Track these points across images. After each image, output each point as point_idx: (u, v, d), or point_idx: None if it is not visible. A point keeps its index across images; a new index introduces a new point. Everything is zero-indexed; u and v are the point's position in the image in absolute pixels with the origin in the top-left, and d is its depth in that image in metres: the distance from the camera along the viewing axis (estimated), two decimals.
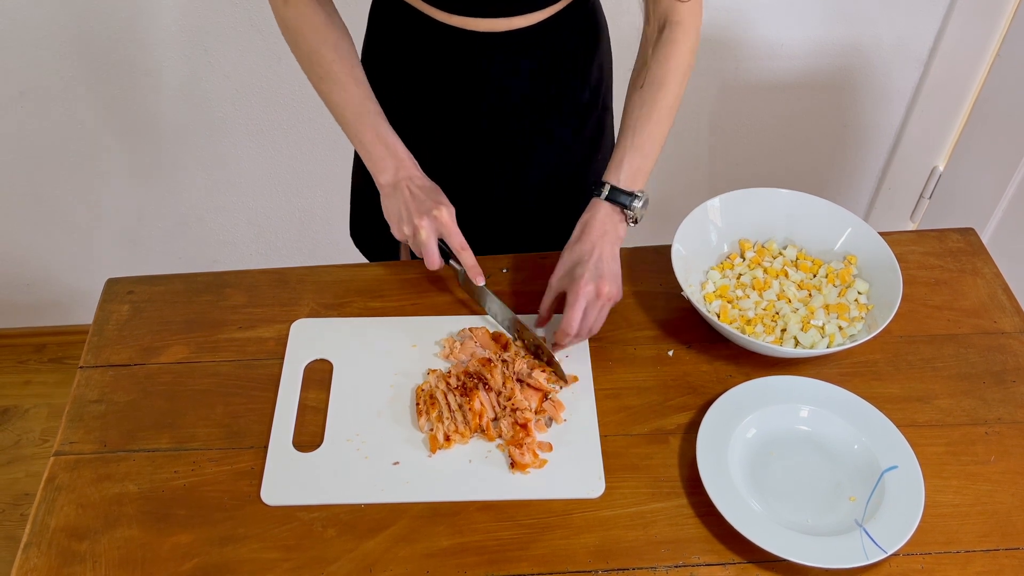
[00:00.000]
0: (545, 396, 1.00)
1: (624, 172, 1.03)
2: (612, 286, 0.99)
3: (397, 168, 1.03)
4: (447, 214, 1.01)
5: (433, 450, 0.96)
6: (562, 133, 1.18)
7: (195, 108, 1.78)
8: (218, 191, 1.94)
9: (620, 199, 1.02)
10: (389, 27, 1.11)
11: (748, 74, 1.82)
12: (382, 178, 1.04)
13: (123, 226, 2.00)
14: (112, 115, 1.77)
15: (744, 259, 1.13)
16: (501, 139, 1.15)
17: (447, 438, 0.96)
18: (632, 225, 1.04)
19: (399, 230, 1.03)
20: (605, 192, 1.02)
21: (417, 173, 1.04)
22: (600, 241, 1.01)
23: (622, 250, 1.17)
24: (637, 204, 1.02)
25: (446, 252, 1.04)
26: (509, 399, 0.98)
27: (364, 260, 1.19)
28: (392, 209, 1.03)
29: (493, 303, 1.07)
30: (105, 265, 2.06)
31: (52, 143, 1.81)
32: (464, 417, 0.97)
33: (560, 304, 1.03)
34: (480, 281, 1.04)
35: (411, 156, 1.05)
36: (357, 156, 1.29)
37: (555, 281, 1.03)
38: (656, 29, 1.06)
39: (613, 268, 1.01)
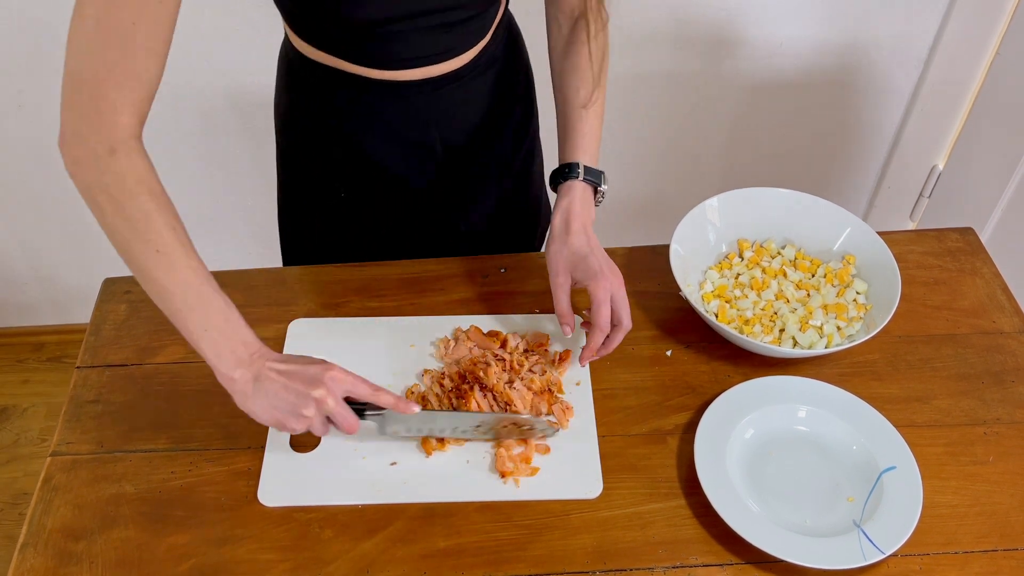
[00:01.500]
0: (553, 397, 1.00)
1: (589, 152, 1.03)
2: (617, 278, 0.98)
3: (251, 358, 0.85)
4: (336, 372, 0.85)
5: (428, 452, 0.95)
6: (503, 154, 1.17)
7: (193, 107, 1.77)
8: (216, 190, 1.94)
9: (594, 178, 1.02)
10: (311, 87, 1.05)
11: (747, 73, 1.81)
12: (237, 374, 0.84)
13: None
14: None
15: (742, 259, 1.13)
16: (451, 176, 1.14)
17: (441, 441, 0.95)
18: (597, 204, 1.04)
19: (293, 423, 0.84)
20: (581, 173, 1.01)
21: (271, 353, 0.86)
22: (587, 228, 1.00)
23: (618, 249, 1.17)
24: (604, 185, 1.03)
25: (357, 410, 0.89)
26: (507, 404, 0.98)
27: (363, 260, 1.18)
28: (267, 407, 0.84)
29: (445, 419, 0.94)
30: (104, 264, 2.06)
31: (51, 142, 1.81)
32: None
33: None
34: (414, 409, 0.88)
35: (255, 335, 0.87)
36: (283, 182, 1.24)
37: (563, 279, 0.98)
38: (570, 17, 1.06)
39: (607, 255, 1.00)
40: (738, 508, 0.88)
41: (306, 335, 1.07)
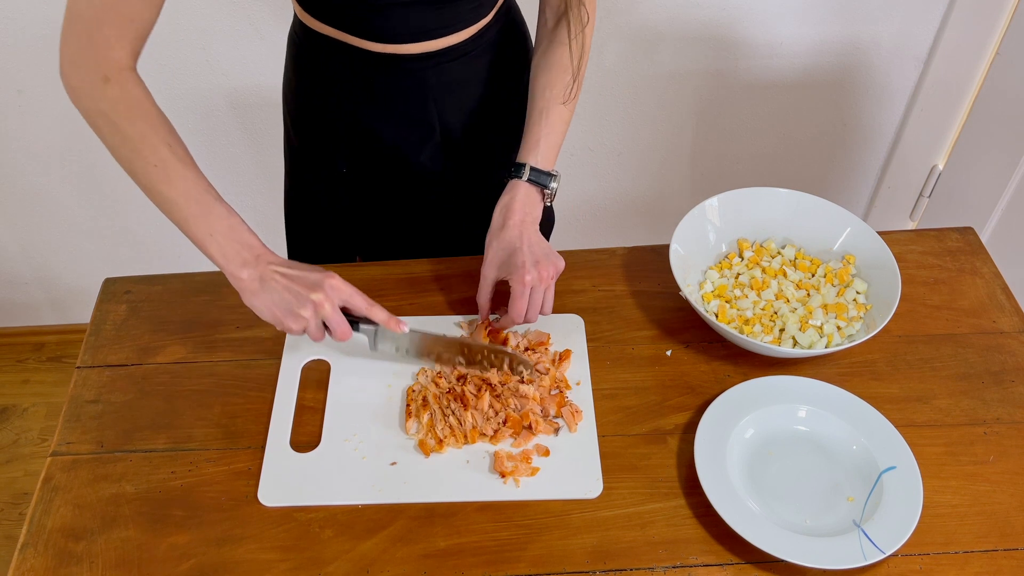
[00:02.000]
0: (563, 399, 1.00)
1: (541, 153, 1.04)
2: (549, 266, 0.99)
3: (256, 260, 0.92)
4: (336, 281, 0.92)
5: (427, 453, 0.95)
6: (501, 135, 1.18)
7: (193, 107, 1.77)
8: (216, 190, 1.94)
9: (540, 179, 1.03)
10: (315, 61, 1.09)
11: (747, 73, 1.81)
12: (243, 273, 0.91)
13: (121, 225, 2.00)
14: None
15: (742, 259, 1.13)
16: (449, 152, 1.15)
17: (439, 442, 0.96)
18: (547, 203, 1.05)
19: (290, 321, 0.91)
20: (526, 174, 1.03)
21: (277, 258, 0.94)
22: (523, 225, 1.01)
23: (618, 249, 1.17)
24: (554, 184, 1.04)
25: (352, 321, 0.96)
26: (511, 397, 0.98)
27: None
28: (269, 304, 0.91)
29: (432, 342, 1.00)
30: (104, 264, 2.06)
31: (50, 142, 1.81)
32: (459, 422, 0.97)
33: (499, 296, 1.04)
34: (404, 328, 0.96)
35: (259, 239, 0.95)
36: (290, 183, 1.28)
37: (490, 272, 1.02)
38: (557, 12, 1.07)
39: (544, 248, 1.01)
40: (738, 508, 0.88)
41: (306, 335, 1.07)
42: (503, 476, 0.93)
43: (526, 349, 1.05)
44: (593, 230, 2.10)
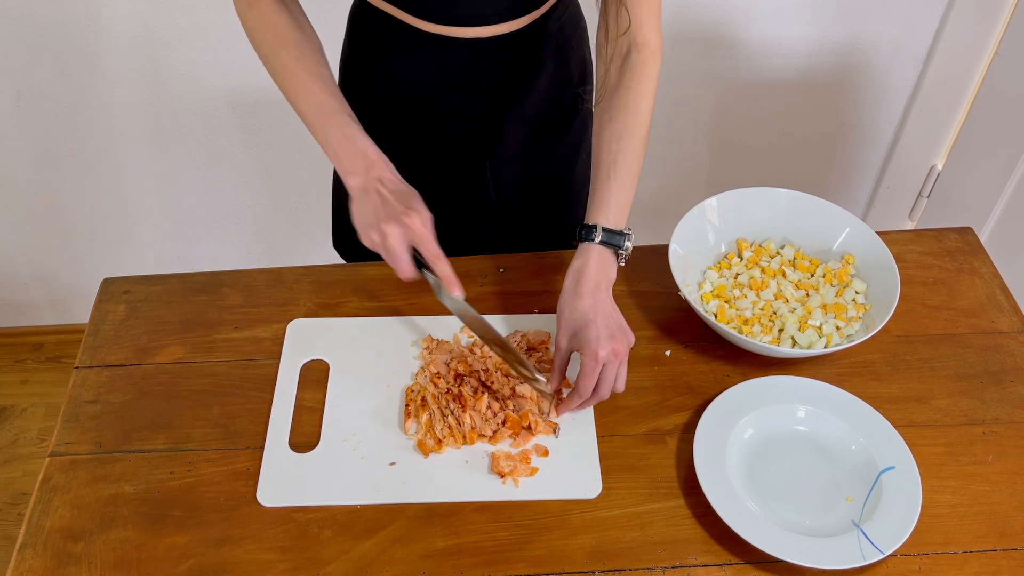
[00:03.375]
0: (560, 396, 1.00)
1: (612, 211, 0.98)
2: (624, 342, 0.94)
3: (368, 169, 0.95)
4: (419, 220, 0.92)
5: (426, 453, 0.95)
6: (547, 134, 1.18)
7: (192, 107, 1.77)
8: (215, 190, 1.94)
9: (613, 240, 0.97)
10: (370, 35, 1.10)
11: (746, 73, 1.81)
12: (351, 180, 0.96)
13: (121, 225, 2.00)
14: (109, 115, 1.77)
15: (742, 259, 1.13)
16: (489, 142, 1.15)
17: (438, 442, 0.96)
18: (622, 264, 0.99)
19: (368, 237, 0.95)
20: (599, 236, 0.96)
21: (390, 175, 0.96)
22: (597, 293, 0.95)
23: None
24: (628, 244, 0.97)
25: (421, 262, 0.96)
26: (509, 397, 0.98)
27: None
28: (361, 214, 0.95)
29: (473, 318, 0.99)
30: (103, 264, 2.06)
31: (49, 142, 1.81)
32: (458, 422, 0.97)
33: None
34: (457, 293, 0.95)
35: (384, 157, 0.97)
36: None
37: (563, 342, 0.96)
38: (621, 52, 1.01)
39: (619, 320, 0.96)
40: (737, 508, 0.88)
41: (305, 335, 1.07)
42: (502, 476, 0.93)
43: (528, 348, 1.05)
44: None
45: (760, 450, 0.96)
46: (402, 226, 0.92)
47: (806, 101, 1.88)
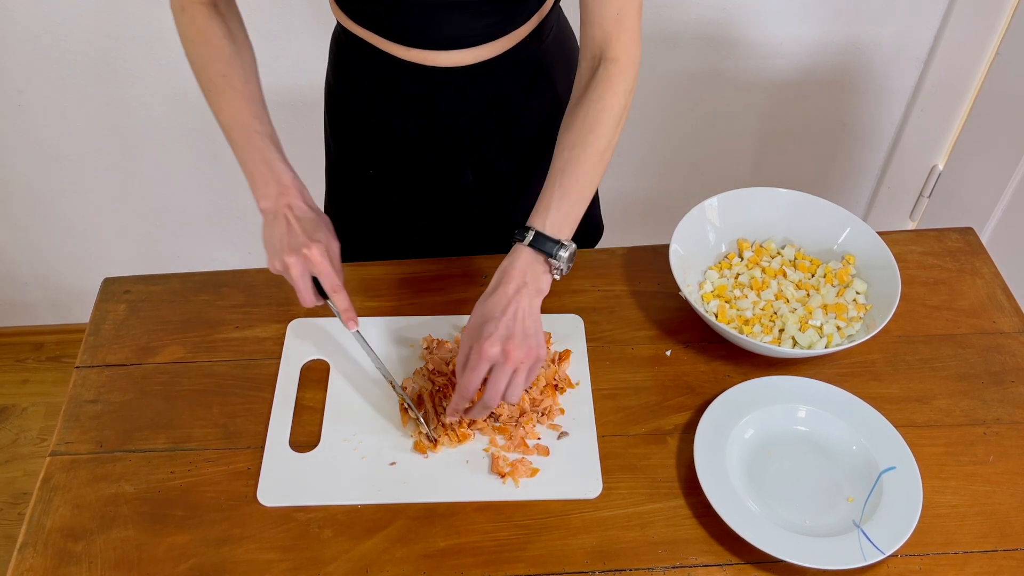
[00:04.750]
0: (553, 391, 1.00)
1: (551, 217, 0.91)
2: (522, 349, 0.86)
3: (280, 195, 0.95)
4: (318, 251, 0.92)
5: (423, 452, 0.95)
6: (539, 162, 1.15)
7: (192, 107, 1.77)
8: (215, 190, 1.94)
9: (545, 247, 0.90)
10: (351, 62, 1.10)
11: (747, 73, 1.81)
12: (263, 204, 0.96)
13: (121, 225, 2.00)
14: (110, 115, 1.77)
15: (742, 259, 1.13)
16: (480, 172, 1.15)
17: (434, 441, 0.96)
18: (556, 278, 0.93)
19: (272, 264, 0.95)
20: (529, 237, 0.90)
21: (300, 203, 0.95)
22: (517, 294, 0.88)
23: (618, 249, 1.17)
24: (563, 254, 0.90)
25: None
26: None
27: (360, 260, 1.18)
28: (268, 239, 0.95)
29: (368, 352, 1.00)
30: (103, 264, 2.06)
31: (50, 142, 1.81)
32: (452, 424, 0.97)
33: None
34: (352, 327, 0.96)
35: (299, 183, 0.96)
36: (328, 184, 1.28)
37: (464, 336, 0.90)
38: (590, 66, 0.97)
39: (529, 326, 0.88)
40: (738, 508, 0.88)
41: (306, 335, 1.07)
42: (502, 476, 0.93)
43: None
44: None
45: (760, 450, 0.96)
46: (302, 257, 0.92)
47: (806, 101, 1.87)
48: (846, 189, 2.07)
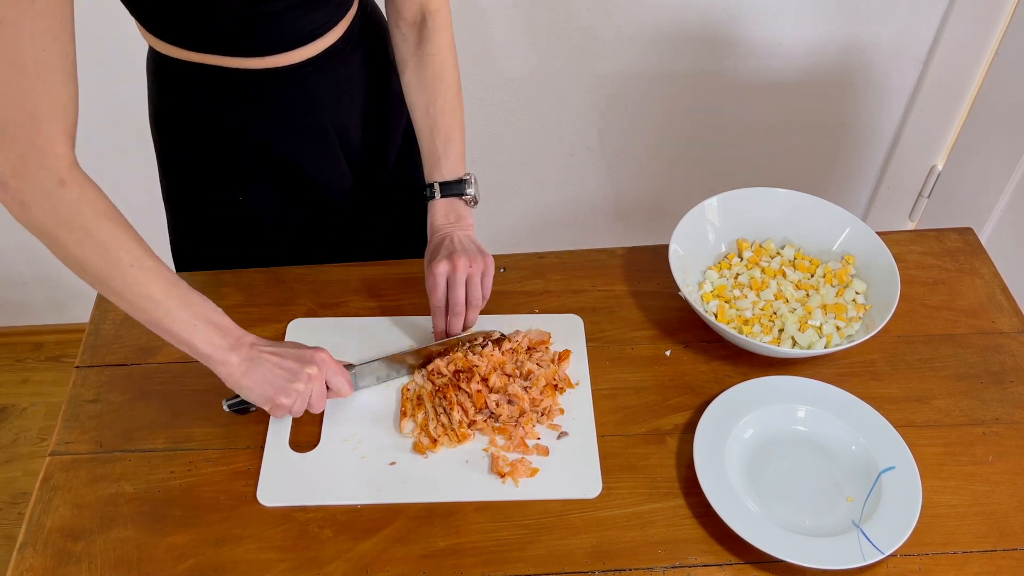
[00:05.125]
0: (552, 391, 1.00)
1: (444, 166, 1.05)
2: (465, 256, 0.99)
3: (238, 341, 0.90)
4: (325, 352, 0.93)
5: (422, 453, 0.95)
6: (389, 133, 1.19)
7: None
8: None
9: (453, 190, 1.04)
10: (188, 88, 1.03)
11: (746, 73, 1.81)
12: (232, 358, 0.89)
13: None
14: (109, 114, 1.77)
15: (742, 259, 1.13)
16: (350, 150, 1.14)
17: (433, 441, 0.96)
18: (473, 206, 1.06)
19: (282, 397, 0.90)
20: (438, 192, 1.04)
21: (254, 336, 0.92)
22: (449, 233, 1.03)
23: (618, 250, 1.17)
24: (470, 189, 1.05)
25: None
26: (503, 390, 0.98)
27: (361, 260, 1.18)
28: (261, 382, 0.90)
29: (398, 357, 1.02)
30: None
31: None
32: (450, 421, 0.97)
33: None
34: (348, 392, 0.97)
35: (234, 323, 0.92)
36: (170, 197, 1.20)
37: (427, 285, 1.01)
38: (414, 21, 1.06)
39: (467, 244, 1.02)
40: (737, 508, 0.88)
41: (305, 335, 1.07)
42: (502, 476, 0.93)
43: (528, 348, 1.05)
44: (593, 230, 2.10)
45: (760, 450, 0.96)
46: (317, 367, 0.92)
47: (806, 101, 1.87)
48: (845, 189, 2.07)
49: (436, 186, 1.05)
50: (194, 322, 0.87)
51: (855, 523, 0.89)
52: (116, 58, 1.67)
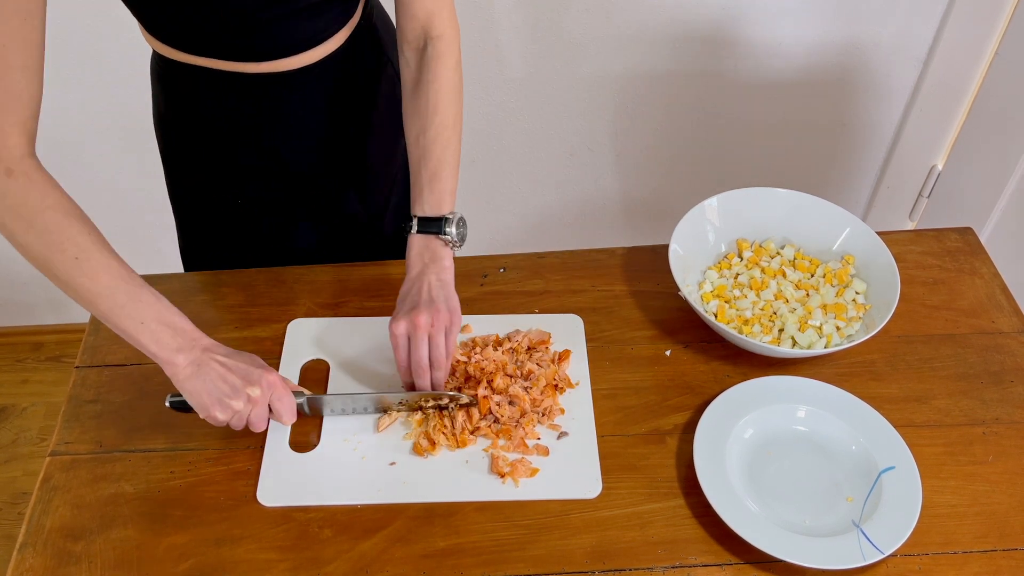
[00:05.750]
0: (553, 391, 1.00)
1: (426, 201, 0.99)
2: (427, 315, 0.93)
3: (192, 343, 0.89)
4: (275, 374, 0.91)
5: (422, 454, 0.95)
6: (388, 148, 1.18)
7: None
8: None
9: (431, 228, 0.98)
10: (193, 94, 1.04)
11: (746, 73, 1.81)
12: (179, 359, 0.87)
13: (120, 225, 1.99)
14: (109, 114, 1.77)
15: (742, 259, 1.13)
16: (352, 165, 1.15)
17: (432, 443, 0.96)
18: (456, 248, 0.99)
19: (218, 410, 0.89)
20: (415, 227, 0.98)
21: (210, 341, 0.91)
22: (421, 275, 0.97)
23: (618, 249, 1.17)
24: (450, 228, 0.98)
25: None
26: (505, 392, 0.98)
27: (361, 260, 1.19)
28: (200, 390, 0.88)
29: (352, 400, 0.98)
30: None
31: (50, 141, 1.81)
32: (452, 426, 0.96)
33: None
34: (289, 421, 0.94)
35: (190, 322, 0.90)
36: (175, 201, 1.21)
37: (391, 342, 0.96)
38: (416, 47, 1.02)
39: (436, 295, 0.95)
40: (737, 508, 0.88)
41: (305, 335, 1.07)
42: (502, 476, 0.93)
43: (528, 348, 1.05)
44: (593, 230, 2.10)
45: (760, 450, 0.96)
46: (261, 389, 0.90)
47: (806, 101, 1.87)
48: (845, 189, 2.07)
49: (415, 220, 0.99)
50: (140, 319, 0.86)
51: (855, 523, 0.89)
52: (118, 61, 1.67)
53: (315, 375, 1.04)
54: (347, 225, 1.20)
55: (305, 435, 0.98)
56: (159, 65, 1.05)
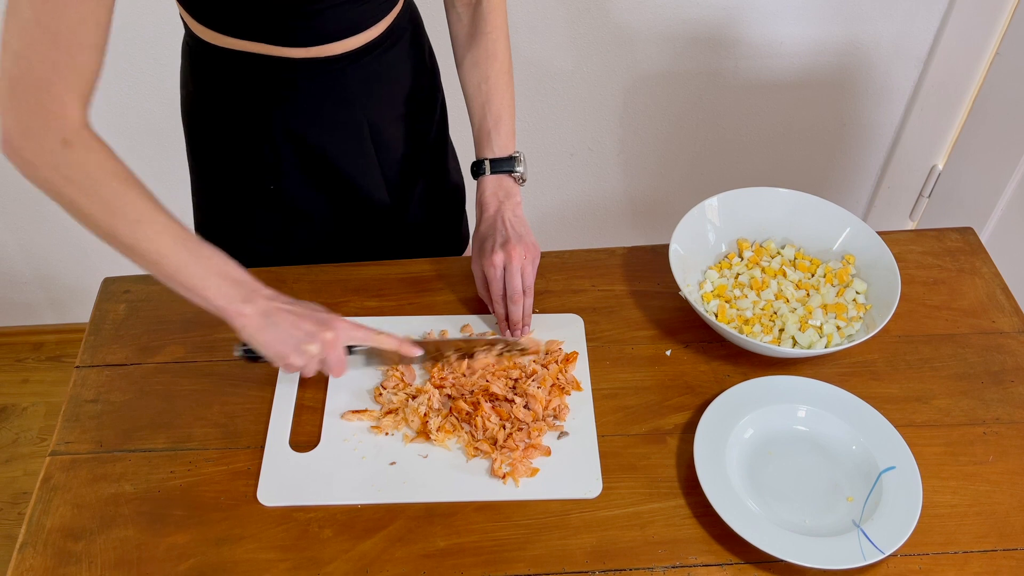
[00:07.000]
0: (558, 391, 1.00)
1: (495, 143, 1.07)
2: (520, 246, 1.01)
3: (254, 293, 0.90)
4: (344, 319, 0.94)
5: (425, 439, 0.96)
6: (422, 132, 1.19)
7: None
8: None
9: (503, 167, 1.07)
10: (227, 75, 1.04)
11: (747, 73, 1.81)
12: (247, 309, 0.89)
13: None
14: (109, 113, 1.77)
15: (742, 258, 1.13)
16: (380, 154, 1.14)
17: (447, 431, 0.96)
18: (522, 184, 1.08)
19: (295, 357, 0.91)
20: (488, 169, 1.06)
21: (269, 290, 0.92)
22: (499, 211, 1.04)
23: (618, 249, 1.17)
24: (519, 167, 1.07)
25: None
26: (510, 418, 0.98)
27: (361, 260, 1.18)
28: (275, 340, 0.90)
29: (438, 345, 1.02)
30: (103, 264, 2.05)
31: None
32: (474, 429, 0.96)
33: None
34: (417, 352, 0.98)
35: (247, 272, 0.92)
36: (200, 183, 1.21)
37: (474, 265, 1.05)
38: (468, 4, 1.09)
39: (518, 229, 1.03)
40: (738, 508, 0.88)
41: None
42: (502, 476, 0.93)
43: (544, 354, 1.04)
44: (593, 230, 2.10)
45: (760, 450, 0.96)
46: (335, 332, 0.91)
47: (806, 101, 1.88)
48: (846, 189, 2.07)
49: (487, 162, 1.07)
50: (206, 275, 0.88)
51: (855, 523, 0.89)
52: (118, 61, 1.67)
53: (315, 375, 1.03)
54: (373, 213, 1.19)
55: (305, 435, 0.98)
56: (191, 46, 1.05)
